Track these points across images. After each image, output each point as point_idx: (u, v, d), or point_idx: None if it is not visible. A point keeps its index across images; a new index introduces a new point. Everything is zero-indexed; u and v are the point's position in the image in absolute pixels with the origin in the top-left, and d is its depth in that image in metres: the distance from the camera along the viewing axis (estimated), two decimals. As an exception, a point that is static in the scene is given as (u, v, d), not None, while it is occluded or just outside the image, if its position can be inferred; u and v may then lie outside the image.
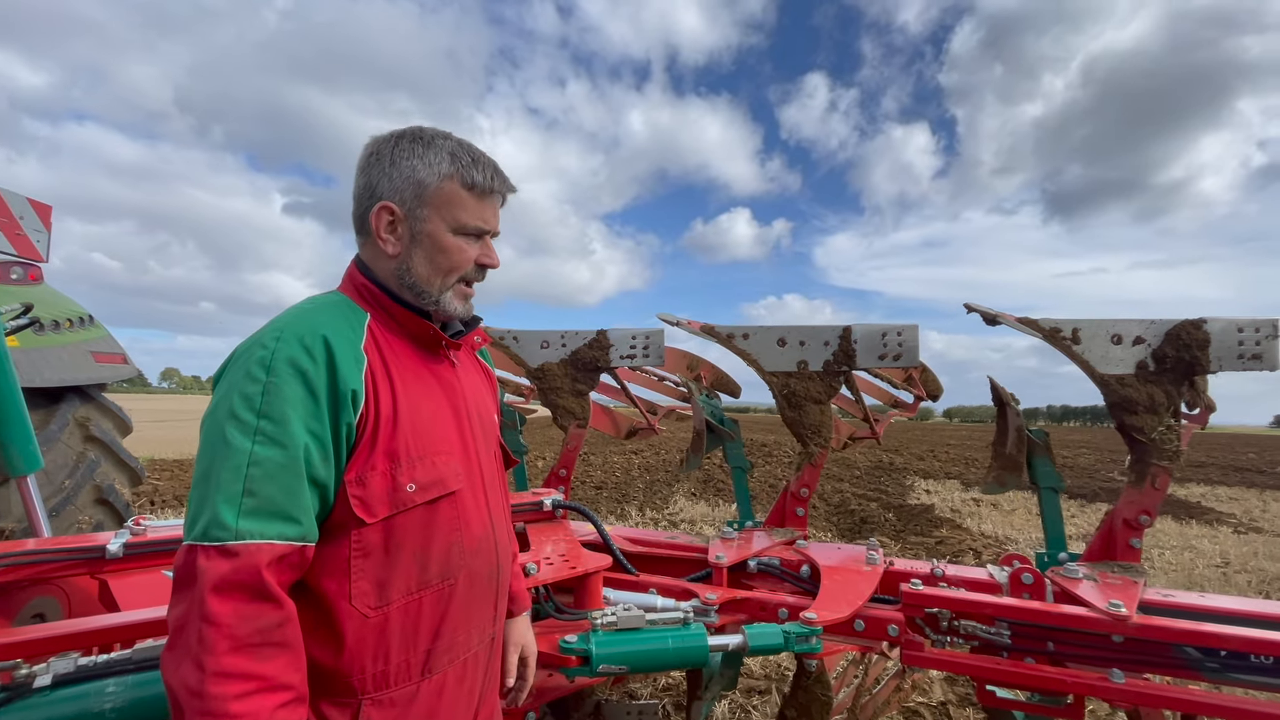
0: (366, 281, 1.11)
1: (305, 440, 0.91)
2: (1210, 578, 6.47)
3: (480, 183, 1.09)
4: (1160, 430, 2.16)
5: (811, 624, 1.79)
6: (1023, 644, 1.89)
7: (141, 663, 1.48)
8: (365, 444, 0.98)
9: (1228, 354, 2.11)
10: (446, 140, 1.10)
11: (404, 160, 1.07)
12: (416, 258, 1.09)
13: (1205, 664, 1.74)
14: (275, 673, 0.84)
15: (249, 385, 0.90)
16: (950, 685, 3.65)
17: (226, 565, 0.82)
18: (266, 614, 0.85)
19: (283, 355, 0.92)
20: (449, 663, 1.07)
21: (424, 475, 1.02)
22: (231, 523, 0.84)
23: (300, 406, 0.91)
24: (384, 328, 1.09)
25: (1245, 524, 9.78)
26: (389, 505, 0.98)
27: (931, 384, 3.29)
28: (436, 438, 1.07)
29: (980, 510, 10.17)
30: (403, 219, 1.08)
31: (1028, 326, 2.21)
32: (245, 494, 0.85)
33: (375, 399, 1.00)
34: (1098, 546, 2.23)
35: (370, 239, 1.11)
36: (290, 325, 0.96)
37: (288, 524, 0.88)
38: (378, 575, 0.98)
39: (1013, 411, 2.35)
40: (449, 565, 1.06)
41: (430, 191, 1.07)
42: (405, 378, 1.06)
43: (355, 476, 0.96)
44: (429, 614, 1.03)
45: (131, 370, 3.47)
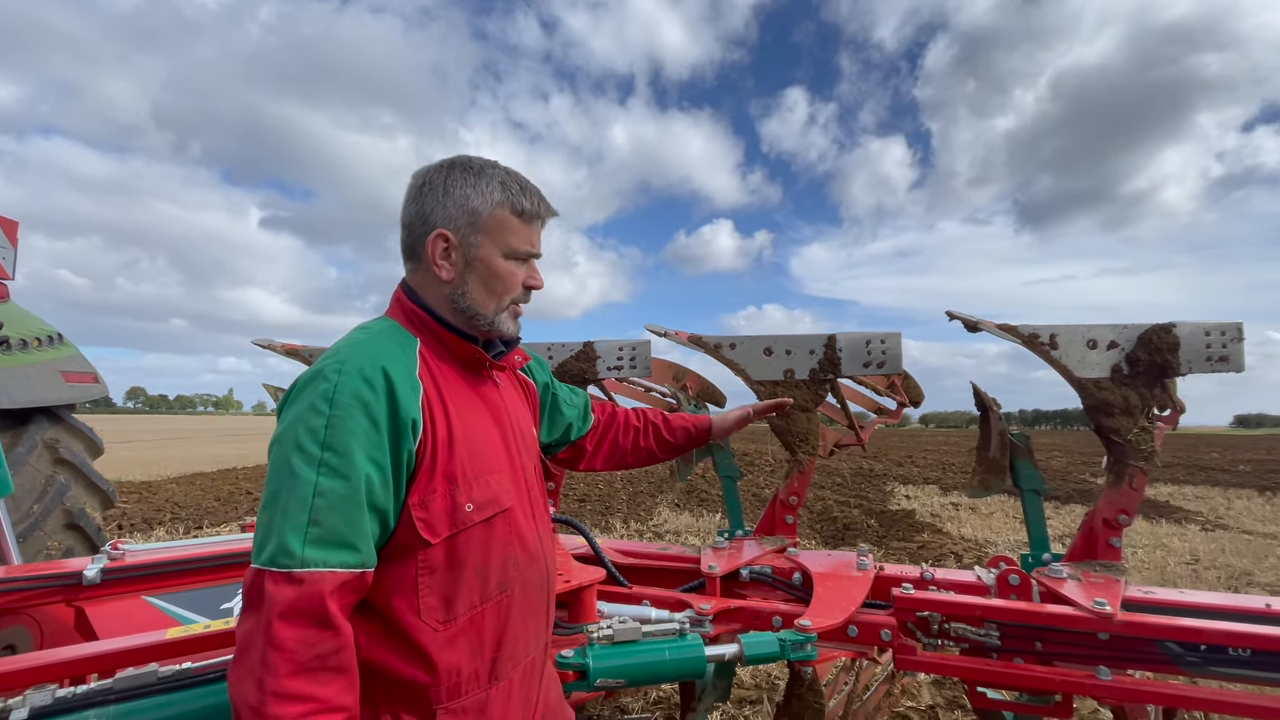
0: (415, 307, 1.15)
1: (367, 470, 0.94)
2: (1182, 574, 6.65)
3: (528, 209, 1.15)
4: (1136, 432, 2.22)
5: (806, 631, 1.80)
6: (1012, 644, 1.92)
7: (123, 693, 1.43)
8: (425, 469, 1.02)
9: (1196, 356, 2.19)
10: (495, 169, 1.15)
11: (456, 189, 1.11)
12: (471, 282, 1.13)
13: (1186, 658, 1.79)
14: (331, 695, 0.88)
15: (314, 418, 0.94)
16: (938, 689, 3.68)
17: (292, 592, 0.86)
18: (326, 640, 0.89)
19: (345, 388, 0.95)
20: (512, 668, 1.13)
21: (480, 495, 1.07)
22: (298, 551, 0.88)
23: (363, 438, 0.94)
24: (433, 352, 1.13)
25: (1212, 521, 10.07)
26: (450, 525, 1.03)
27: (913, 390, 3.35)
28: (488, 458, 1.11)
29: (960, 514, 10.32)
30: (457, 245, 1.12)
31: (1007, 333, 2.27)
32: (310, 524, 0.89)
33: (432, 425, 1.04)
34: (1079, 546, 2.28)
35: (422, 265, 1.14)
36: (351, 358, 0.99)
37: (349, 552, 0.92)
38: (444, 591, 1.03)
39: (995, 416, 2.40)
40: (506, 578, 1.11)
41: (483, 218, 1.11)
42: (457, 402, 1.10)
43: (418, 500, 1.01)
44: (491, 625, 1.09)
45: (102, 390, 3.37)
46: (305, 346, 3.55)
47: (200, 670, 1.54)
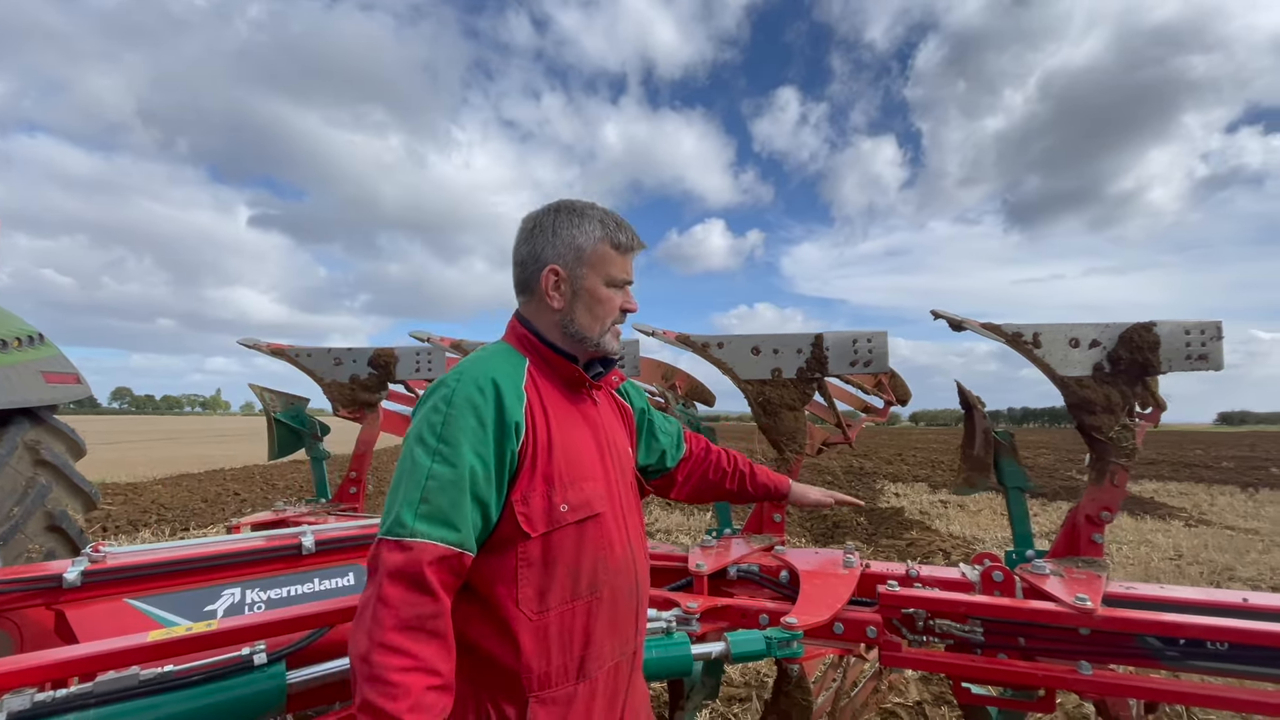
0: (526, 333, 1.32)
1: (472, 462, 1.09)
2: (1165, 570, 6.74)
3: (624, 242, 1.31)
4: (1117, 429, 2.25)
5: (792, 629, 1.81)
6: (995, 640, 1.94)
7: (104, 696, 1.41)
8: (527, 469, 1.15)
9: (1176, 355, 2.22)
10: (594, 210, 1.32)
11: (564, 229, 1.28)
12: (579, 309, 1.29)
13: (1166, 653, 1.82)
14: (428, 657, 1.00)
15: (434, 415, 1.11)
16: (926, 685, 3.71)
17: (401, 557, 1.01)
18: (425, 604, 1.02)
19: (460, 393, 1.13)
20: (598, 669, 1.21)
21: (574, 498, 1.19)
22: (409, 523, 1.03)
23: (470, 435, 1.10)
24: (539, 371, 1.28)
25: (1195, 518, 10.21)
26: (546, 522, 1.15)
27: (900, 389, 3.37)
28: (583, 466, 1.24)
29: (948, 511, 10.41)
30: (566, 278, 1.28)
31: (991, 332, 2.29)
32: (421, 501, 1.05)
33: (533, 430, 1.18)
34: (1062, 543, 2.30)
35: (535, 297, 1.31)
36: (468, 370, 1.17)
37: (450, 530, 1.05)
38: (539, 584, 1.15)
39: (979, 414, 2.42)
40: (596, 580, 1.21)
41: (587, 253, 1.28)
42: (557, 413, 1.24)
43: (520, 496, 1.14)
44: (580, 623, 1.18)
45: (84, 390, 3.32)
46: (291, 346, 3.53)
47: (183, 673, 1.52)
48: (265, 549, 1.99)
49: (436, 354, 3.38)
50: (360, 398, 3.40)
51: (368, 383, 3.42)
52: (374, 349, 3.42)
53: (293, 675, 1.66)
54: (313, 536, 2.06)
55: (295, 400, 3.59)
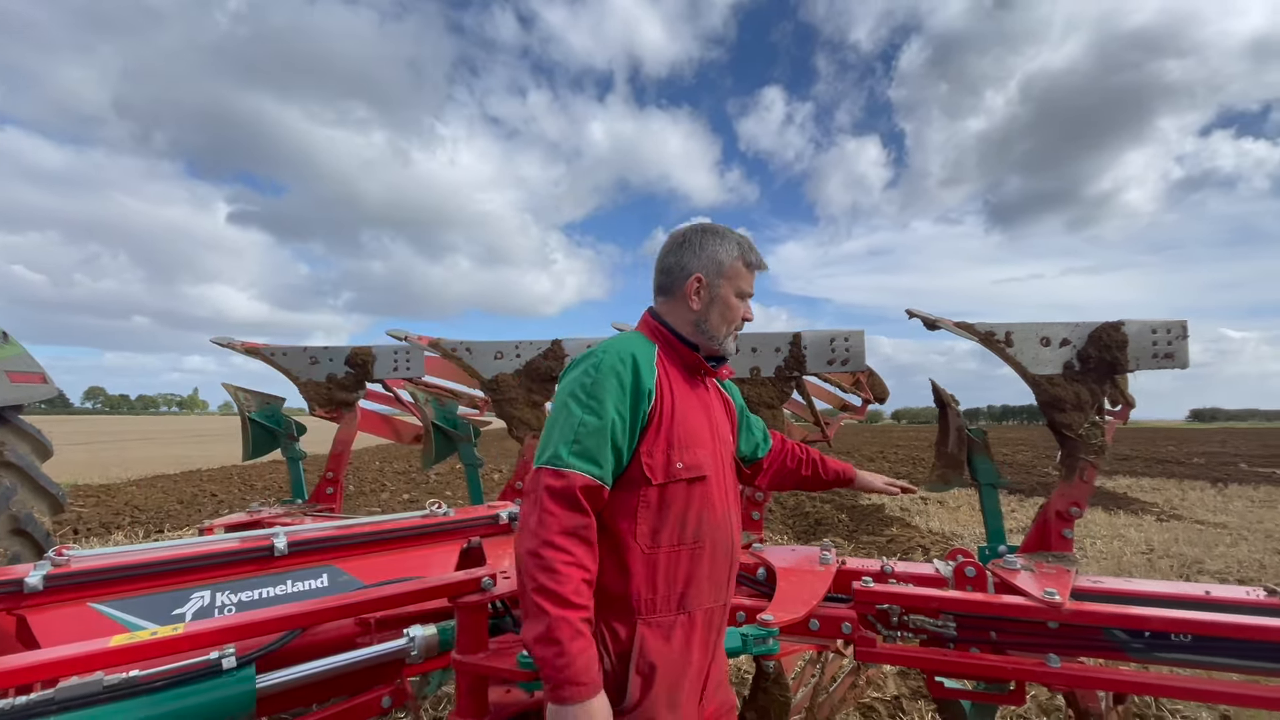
0: (659, 326, 1.57)
1: (614, 416, 1.34)
2: (1137, 564, 6.88)
3: (754, 261, 1.60)
4: (1087, 426, 2.30)
5: (768, 625, 1.82)
6: (968, 635, 1.97)
7: (66, 702, 1.38)
8: (653, 429, 1.40)
9: (1143, 353, 2.27)
10: (731, 232, 1.59)
11: (708, 245, 1.55)
12: (713, 313, 1.55)
13: (1131, 645, 1.86)
14: (582, 556, 1.26)
15: (585, 378, 1.37)
16: (903, 679, 3.76)
17: (559, 482, 1.28)
18: (579, 518, 1.28)
19: (606, 362, 1.39)
20: (696, 607, 1.43)
21: (688, 459, 1.42)
22: (565, 457, 1.30)
23: (614, 395, 1.35)
24: (667, 356, 1.53)
25: (1167, 512, 10.44)
26: (664, 474, 1.39)
27: (878, 387, 3.40)
28: (696, 436, 1.47)
29: (928, 508, 10.54)
30: (706, 286, 1.54)
31: (965, 330, 2.32)
32: (574, 442, 1.31)
33: (661, 399, 1.42)
34: (1034, 538, 2.35)
35: (674, 298, 1.57)
36: (612, 346, 1.43)
37: (594, 466, 1.31)
38: (653, 524, 1.38)
39: (953, 412, 2.45)
40: (699, 531, 1.43)
41: (726, 268, 1.55)
42: (678, 391, 1.48)
43: (646, 449, 1.39)
44: (684, 564, 1.41)
45: (50, 390, 3.25)
46: (267, 345, 3.48)
47: (148, 678, 1.50)
48: (236, 551, 1.95)
49: (415, 353, 3.35)
50: (337, 397, 3.36)
51: (345, 382, 3.38)
52: (351, 348, 3.38)
53: (263, 679, 1.64)
54: (285, 538, 2.03)
55: (271, 400, 3.54)
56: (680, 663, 1.39)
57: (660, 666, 1.35)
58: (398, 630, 1.96)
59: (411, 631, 1.88)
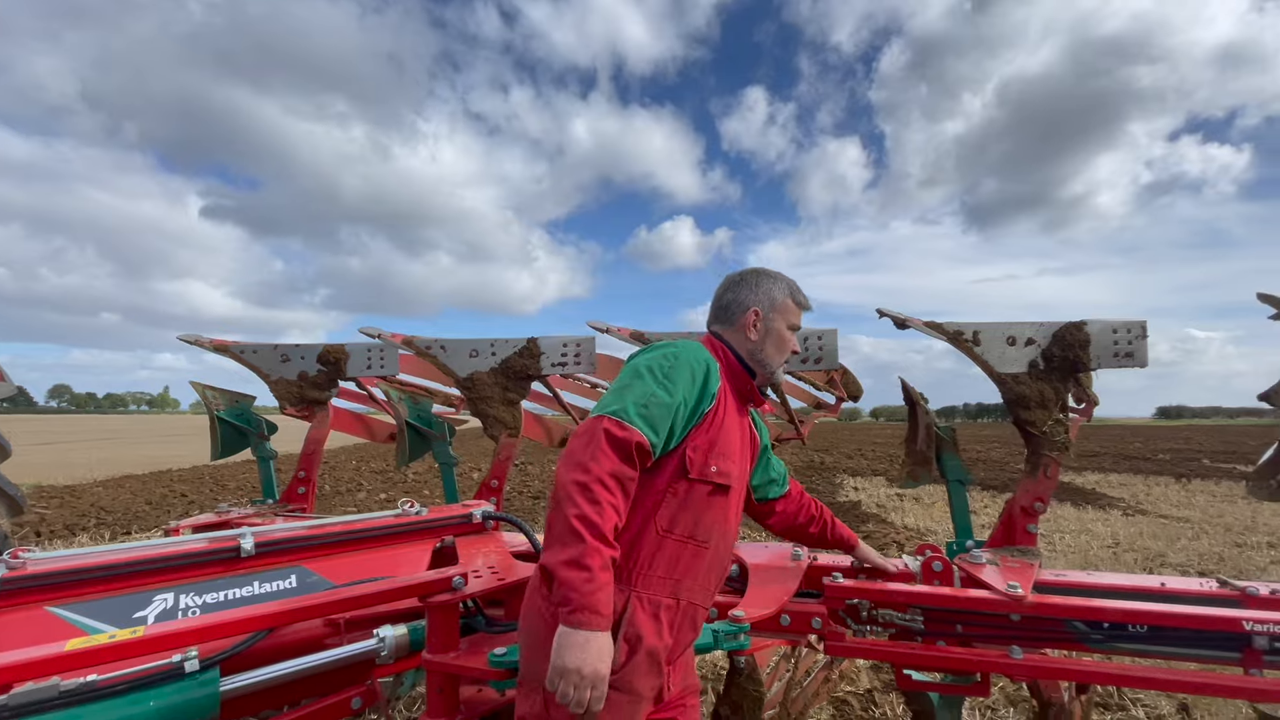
0: (724, 347, 1.70)
1: (681, 399, 1.45)
2: (1103, 557, 7.06)
3: (802, 301, 1.78)
4: (1050, 424, 2.35)
5: (739, 621, 1.84)
6: (935, 628, 2.01)
7: (19, 708, 1.35)
8: (703, 428, 1.51)
9: (1105, 352, 2.33)
10: (784, 276, 1.77)
11: (765, 284, 1.73)
12: (769, 344, 1.70)
13: (1091, 636, 1.91)
14: (621, 503, 1.34)
15: (664, 360, 1.49)
16: (876, 673, 3.81)
17: (622, 432, 1.35)
18: (628, 468, 1.36)
19: (685, 355, 1.52)
20: (688, 599, 1.51)
21: (723, 467, 1.53)
22: (632, 414, 1.38)
23: (685, 381, 1.48)
24: (725, 375, 1.63)
25: (1132, 507, 10.73)
26: (699, 470, 1.49)
27: (852, 385, 3.45)
28: (732, 450, 1.58)
29: (903, 504, 10.70)
30: (762, 318, 1.70)
31: (933, 330, 2.36)
32: (643, 406, 1.40)
33: (717, 406, 1.54)
34: (1000, 533, 2.40)
35: (734, 328, 1.72)
36: (689, 345, 1.56)
37: (653, 432, 1.40)
38: (674, 512, 1.48)
39: (922, 410, 2.49)
40: (710, 534, 1.53)
41: (779, 304, 1.72)
42: (728, 406, 1.60)
43: (692, 443, 1.49)
44: (687, 557, 1.50)
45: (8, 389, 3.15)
46: (236, 342, 3.41)
47: (107, 683, 1.46)
48: (200, 552, 1.92)
49: (389, 350, 3.31)
50: (309, 395, 3.31)
51: (317, 380, 3.33)
52: (324, 345, 3.33)
53: (227, 681, 1.61)
54: (253, 539, 1.99)
55: (240, 398, 3.48)
56: (660, 641, 1.46)
57: (645, 639, 1.42)
58: (368, 631, 1.94)
59: (381, 632, 1.87)
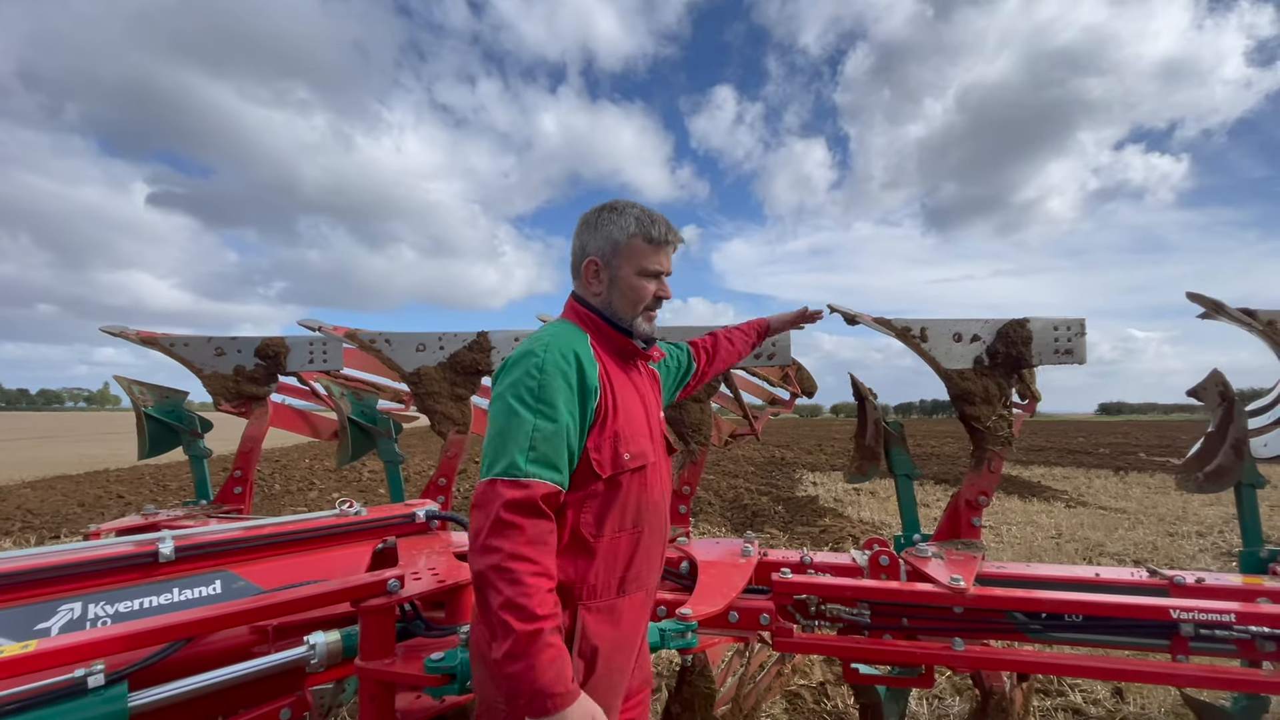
0: (587, 311, 1.51)
1: (566, 419, 1.31)
2: (1047, 548, 7.33)
3: (656, 236, 1.48)
4: (994, 419, 2.40)
5: (686, 619, 1.81)
6: (881, 622, 2.02)
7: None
8: (599, 424, 1.38)
9: (1046, 349, 2.39)
10: (633, 208, 1.50)
11: (604, 225, 1.48)
12: (615, 295, 1.49)
13: (1030, 626, 1.95)
14: (546, 563, 1.24)
15: (530, 380, 1.31)
16: (829, 666, 3.86)
17: (520, 492, 1.22)
18: (543, 525, 1.25)
19: (550, 361, 1.33)
20: (635, 589, 1.46)
21: (634, 449, 1.42)
22: (523, 465, 1.24)
23: (564, 395, 1.32)
24: (599, 344, 1.47)
25: (1074, 499, 11.20)
26: (613, 467, 1.38)
27: (806, 381, 3.47)
28: (637, 425, 1.46)
29: (860, 499, 10.92)
30: (604, 267, 1.48)
31: (882, 326, 2.38)
32: (531, 449, 1.26)
33: (605, 394, 1.40)
34: (945, 526, 2.43)
35: (582, 283, 1.52)
36: (551, 342, 1.37)
37: (554, 472, 1.28)
38: (598, 514, 1.38)
39: (871, 406, 2.51)
40: (640, 517, 1.45)
41: (623, 245, 1.47)
42: (617, 380, 1.46)
43: (594, 445, 1.37)
44: (624, 550, 1.42)
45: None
46: (166, 335, 3.22)
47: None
48: (113, 558, 1.79)
49: (332, 344, 3.17)
50: (246, 390, 3.15)
51: (255, 374, 3.17)
52: (262, 339, 3.17)
53: (137, 696, 1.50)
54: (172, 543, 1.87)
55: (171, 394, 3.29)
56: (620, 641, 1.43)
57: (602, 649, 1.37)
58: (299, 638, 1.85)
59: (312, 639, 1.77)
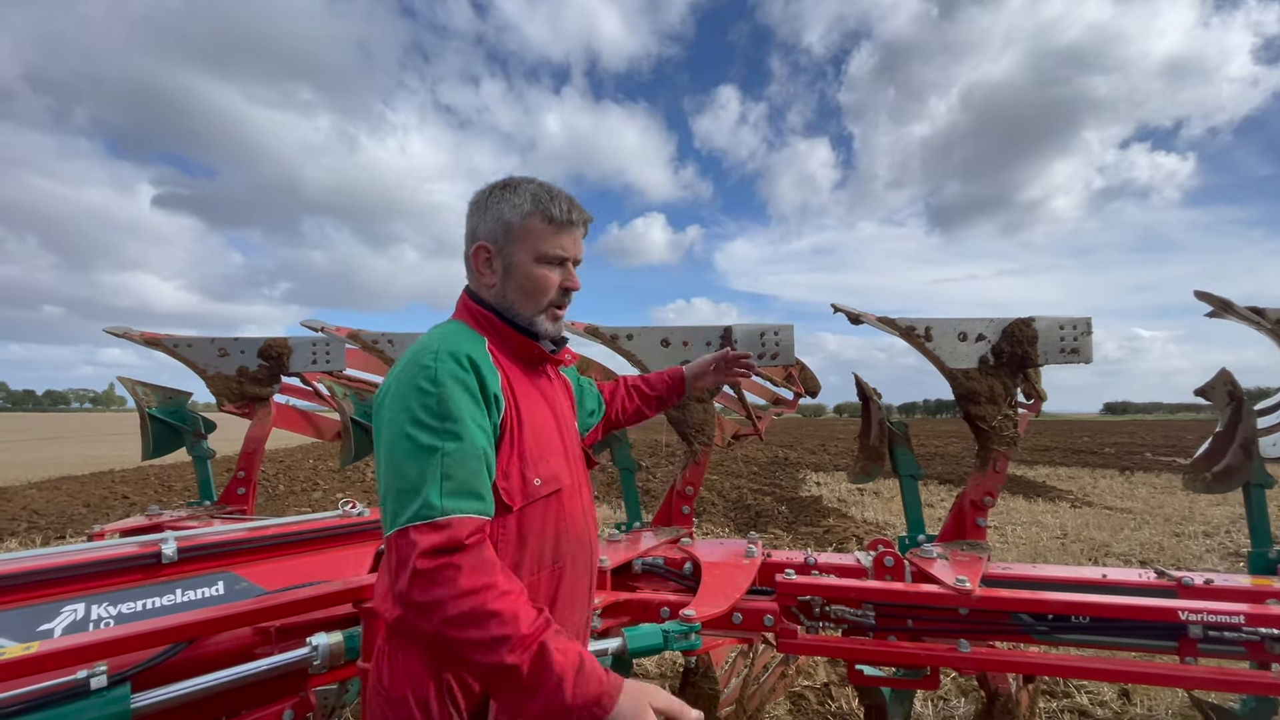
0: (482, 310, 1.29)
1: (477, 433, 1.09)
2: (1052, 548, 7.30)
3: (557, 216, 1.25)
4: (999, 418, 2.38)
5: (690, 621, 1.80)
6: (886, 623, 2.00)
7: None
8: (506, 443, 1.16)
9: (1052, 348, 2.37)
10: (530, 184, 1.27)
11: (494, 205, 1.26)
12: (510, 287, 1.27)
13: (1036, 628, 1.93)
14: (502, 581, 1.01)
15: (424, 397, 1.08)
16: (833, 667, 3.84)
17: (438, 536, 0.99)
18: (478, 553, 1.02)
19: (444, 370, 1.10)
20: None
21: (544, 472, 1.21)
22: (438, 503, 1.01)
23: (468, 407, 1.10)
24: (498, 349, 1.25)
25: (1080, 499, 11.15)
26: (523, 496, 1.17)
27: (810, 381, 3.44)
28: (547, 441, 1.25)
29: (864, 499, 10.90)
30: (496, 255, 1.26)
31: (886, 325, 2.36)
32: (444, 479, 1.03)
33: (509, 405, 1.19)
34: (950, 527, 2.42)
35: (474, 274, 1.30)
36: (441, 347, 1.14)
37: (477, 500, 1.06)
38: (513, 557, 1.16)
39: (875, 405, 2.50)
40: (559, 551, 1.24)
41: (516, 227, 1.25)
42: (521, 390, 1.24)
43: (501, 470, 1.14)
44: (545, 593, 1.21)
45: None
46: (170, 335, 3.23)
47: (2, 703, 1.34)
48: (116, 559, 1.79)
49: (335, 345, 3.18)
50: (249, 391, 3.15)
51: (258, 375, 3.17)
52: (264, 339, 3.17)
53: (140, 698, 1.50)
54: (175, 543, 1.87)
55: (175, 394, 3.30)
56: None
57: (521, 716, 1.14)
58: (302, 639, 1.84)
59: (314, 640, 1.77)
